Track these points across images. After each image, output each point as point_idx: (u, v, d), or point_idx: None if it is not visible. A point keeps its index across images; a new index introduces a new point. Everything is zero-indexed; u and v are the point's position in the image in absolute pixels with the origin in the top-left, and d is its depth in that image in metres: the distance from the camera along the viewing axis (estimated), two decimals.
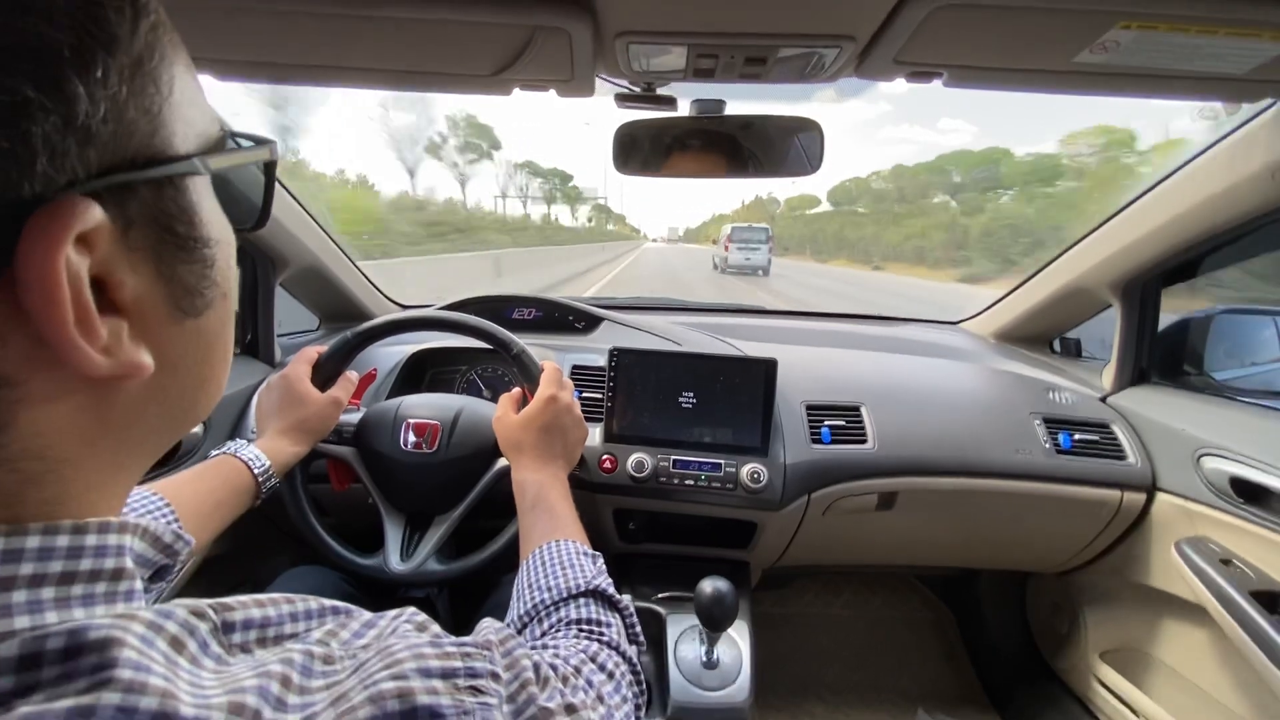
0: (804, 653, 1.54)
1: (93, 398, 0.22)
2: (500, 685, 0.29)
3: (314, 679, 0.24)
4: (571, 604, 0.51)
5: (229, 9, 0.54)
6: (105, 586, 0.23)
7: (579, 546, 0.58)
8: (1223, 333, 1.12)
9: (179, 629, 0.22)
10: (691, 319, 1.41)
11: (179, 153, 0.23)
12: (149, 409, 0.25)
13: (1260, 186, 0.81)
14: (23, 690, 0.19)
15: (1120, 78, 0.64)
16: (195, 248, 0.25)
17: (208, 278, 0.26)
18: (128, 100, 0.21)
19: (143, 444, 0.26)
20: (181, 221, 0.24)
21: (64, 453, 0.22)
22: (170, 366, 0.25)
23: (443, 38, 0.60)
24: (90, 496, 0.24)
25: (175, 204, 0.24)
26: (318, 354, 0.83)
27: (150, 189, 0.22)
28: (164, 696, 0.20)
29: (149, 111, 0.22)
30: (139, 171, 0.22)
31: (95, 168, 0.20)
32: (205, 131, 0.26)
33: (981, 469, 1.01)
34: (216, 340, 0.28)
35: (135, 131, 0.21)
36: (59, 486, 0.22)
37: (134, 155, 0.21)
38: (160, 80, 0.22)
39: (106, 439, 0.24)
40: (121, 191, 0.21)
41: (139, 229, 0.22)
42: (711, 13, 0.54)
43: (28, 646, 0.19)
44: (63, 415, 0.22)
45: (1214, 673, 0.96)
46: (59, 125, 0.19)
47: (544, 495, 0.66)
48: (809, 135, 0.82)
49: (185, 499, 0.60)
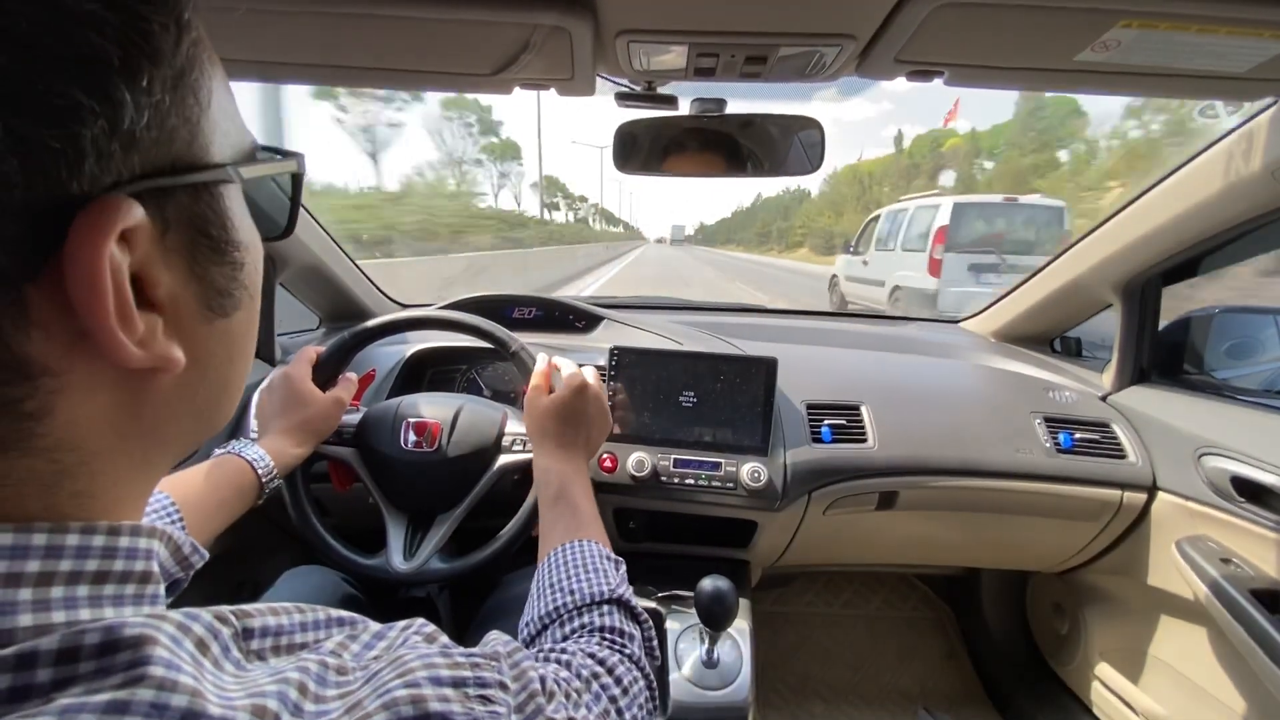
0: (804, 652, 1.54)
1: (127, 392, 0.24)
2: (509, 695, 0.30)
3: (329, 688, 0.25)
4: (595, 610, 0.50)
5: (231, 9, 0.54)
6: (134, 588, 0.24)
7: (602, 550, 0.58)
8: (1223, 331, 1.12)
9: (205, 632, 0.23)
10: (691, 318, 1.41)
11: (214, 160, 0.25)
12: (179, 407, 0.26)
13: (1260, 186, 0.81)
14: (61, 683, 0.19)
15: (1121, 76, 0.64)
16: (227, 250, 0.26)
17: (237, 280, 0.27)
18: (170, 109, 0.22)
19: (170, 443, 0.27)
20: (215, 225, 0.25)
21: (97, 445, 0.23)
22: (199, 365, 0.26)
23: (443, 37, 0.60)
24: (117, 492, 0.24)
25: (210, 209, 0.25)
26: (317, 354, 0.83)
27: (187, 193, 0.24)
28: (194, 695, 0.20)
29: (189, 120, 0.23)
30: (178, 176, 0.23)
31: (138, 170, 0.21)
32: (239, 142, 0.27)
33: (982, 468, 1.01)
34: (242, 341, 0.29)
35: (175, 139, 0.23)
36: (90, 480, 0.23)
37: (174, 161, 0.23)
38: (200, 92, 0.24)
39: (138, 435, 0.25)
40: (161, 195, 0.23)
41: (176, 231, 0.24)
42: (712, 12, 0.54)
43: (67, 641, 0.20)
44: (99, 408, 0.23)
45: (1214, 672, 0.96)
46: (106, 130, 0.20)
47: (567, 489, 0.65)
48: (809, 134, 0.82)
49: (190, 497, 0.60)
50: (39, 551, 0.21)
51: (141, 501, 0.27)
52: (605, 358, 1.01)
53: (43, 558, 0.21)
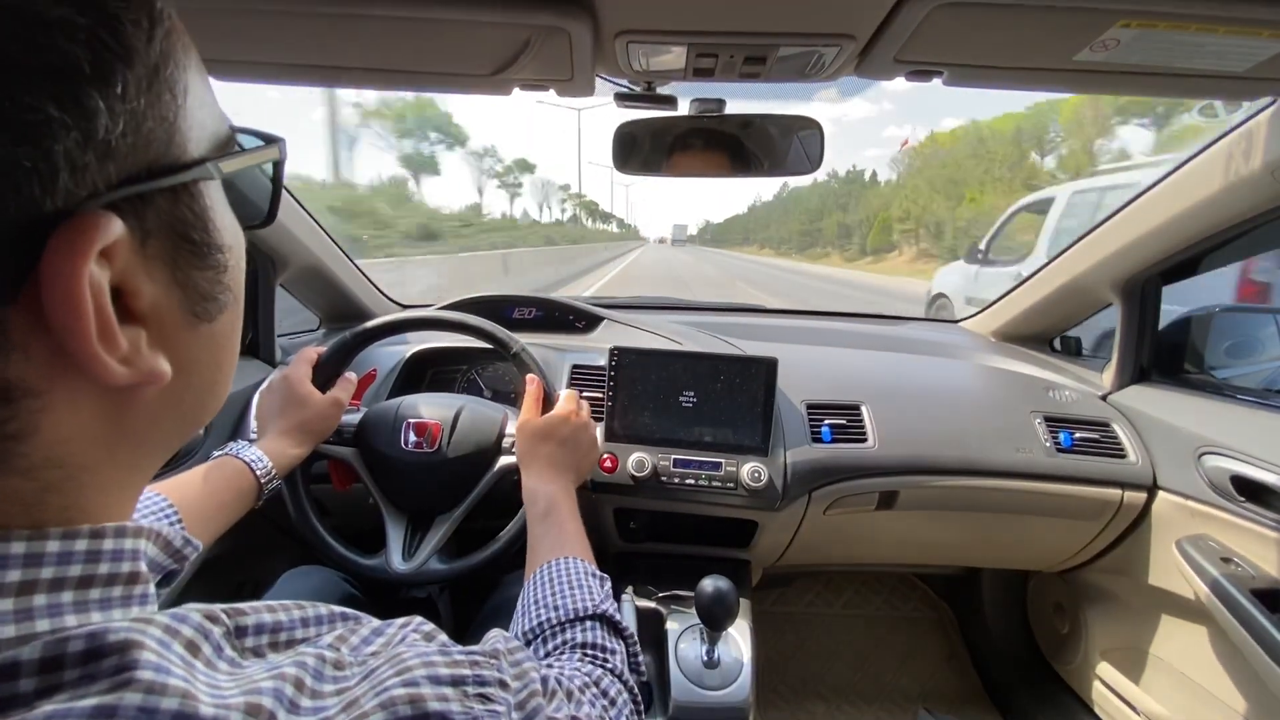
0: (805, 652, 1.54)
1: (111, 406, 0.23)
2: (509, 694, 0.29)
3: (325, 683, 0.24)
4: (578, 626, 0.50)
5: (229, 9, 0.54)
6: (121, 590, 0.23)
7: (587, 566, 0.58)
8: (1223, 331, 1.12)
9: (194, 632, 0.23)
10: (692, 318, 1.41)
11: (192, 157, 0.24)
12: (164, 415, 0.26)
13: (1260, 185, 0.82)
14: (45, 691, 0.19)
15: (1120, 76, 0.64)
16: (209, 254, 0.25)
17: (221, 283, 0.26)
18: (145, 111, 0.21)
19: (157, 448, 0.27)
20: (196, 229, 0.24)
21: (83, 460, 0.22)
22: (184, 372, 0.25)
23: (442, 37, 0.60)
24: (105, 500, 0.24)
25: (190, 211, 0.24)
26: (317, 354, 0.83)
27: (166, 197, 0.23)
28: (184, 697, 0.20)
29: (165, 120, 0.22)
30: (157, 180, 0.22)
31: (115, 180, 0.20)
32: (216, 132, 0.26)
33: (982, 468, 1.01)
34: (227, 343, 0.28)
35: (153, 141, 0.22)
36: (77, 493, 0.23)
37: (150, 165, 0.22)
38: (175, 87, 0.23)
39: (124, 445, 0.24)
40: (139, 202, 0.22)
41: (156, 238, 0.23)
42: (711, 12, 0.54)
43: (50, 650, 0.19)
44: (83, 423, 0.22)
45: (1215, 671, 0.96)
46: (80, 141, 0.19)
47: (555, 509, 0.67)
48: (809, 134, 0.82)
49: (188, 500, 0.60)
50: (18, 560, 0.20)
51: (129, 503, 0.26)
52: (605, 358, 1.01)
53: (23, 566, 0.20)
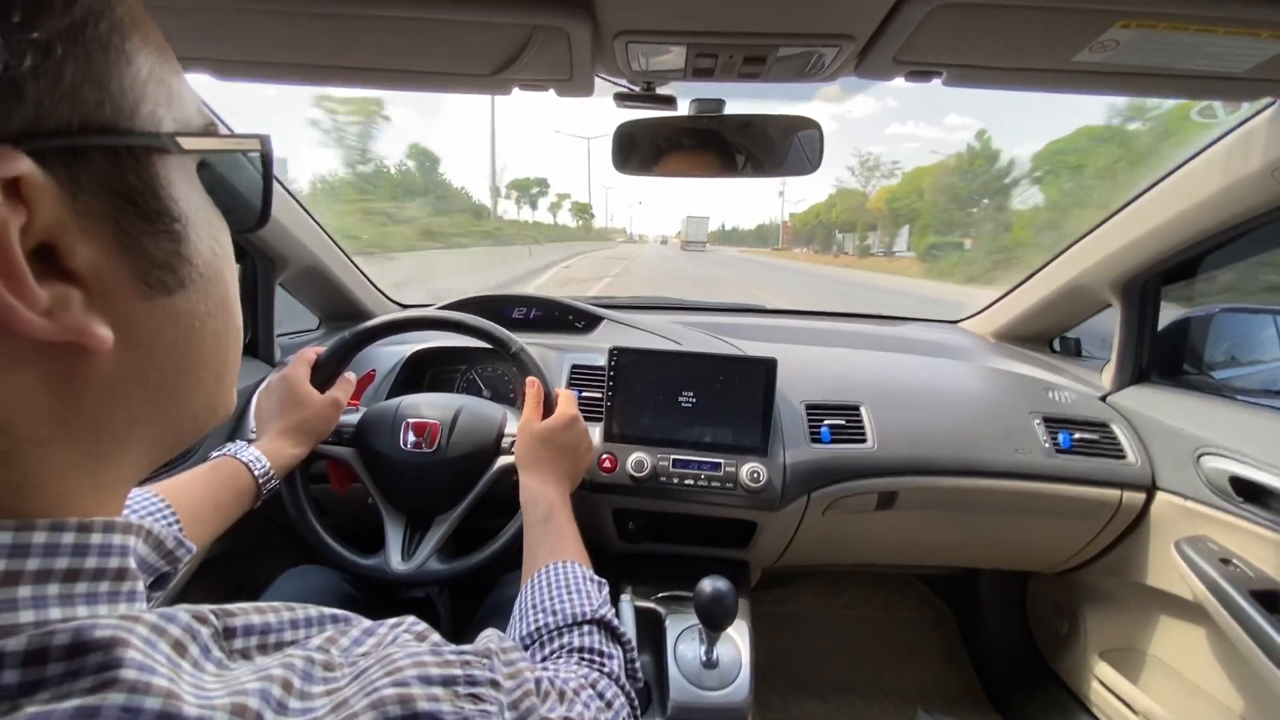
0: (804, 652, 1.54)
1: (56, 371, 0.22)
2: (501, 694, 0.29)
3: (314, 684, 0.24)
4: (576, 631, 0.50)
5: (229, 9, 0.54)
6: (109, 586, 0.23)
7: (585, 571, 0.58)
8: (1223, 331, 1.12)
9: (181, 632, 0.23)
10: (691, 318, 1.41)
11: (140, 128, 0.23)
12: (126, 391, 0.25)
13: (1260, 186, 0.82)
14: (28, 686, 0.19)
15: (1120, 77, 0.64)
16: (159, 220, 0.24)
17: (179, 254, 0.25)
18: (64, 59, 0.20)
19: (126, 431, 0.25)
20: (141, 193, 0.23)
21: (30, 431, 0.22)
22: (142, 346, 0.24)
23: (442, 38, 0.60)
24: (68, 485, 0.23)
25: (136, 175, 0.23)
26: (316, 355, 0.83)
27: (106, 157, 0.22)
28: (168, 697, 0.20)
29: (94, 79, 0.21)
30: (88, 137, 0.21)
31: (29, 125, 0.20)
32: (181, 117, 0.25)
33: (981, 468, 1.01)
34: (200, 324, 0.27)
35: (80, 96, 0.21)
36: (30, 469, 0.22)
37: (81, 121, 0.21)
38: (109, 51, 0.22)
39: (80, 420, 0.23)
40: (68, 155, 0.21)
41: (92, 195, 0.22)
42: (710, 12, 0.54)
43: (34, 642, 0.19)
44: (23, 387, 0.21)
45: (1213, 672, 0.96)
46: None
47: (554, 513, 0.67)
48: (808, 134, 0.82)
49: (186, 500, 0.60)
50: (3, 550, 0.20)
51: (112, 496, 0.26)
52: (605, 358, 1.01)
53: (8, 557, 0.20)
